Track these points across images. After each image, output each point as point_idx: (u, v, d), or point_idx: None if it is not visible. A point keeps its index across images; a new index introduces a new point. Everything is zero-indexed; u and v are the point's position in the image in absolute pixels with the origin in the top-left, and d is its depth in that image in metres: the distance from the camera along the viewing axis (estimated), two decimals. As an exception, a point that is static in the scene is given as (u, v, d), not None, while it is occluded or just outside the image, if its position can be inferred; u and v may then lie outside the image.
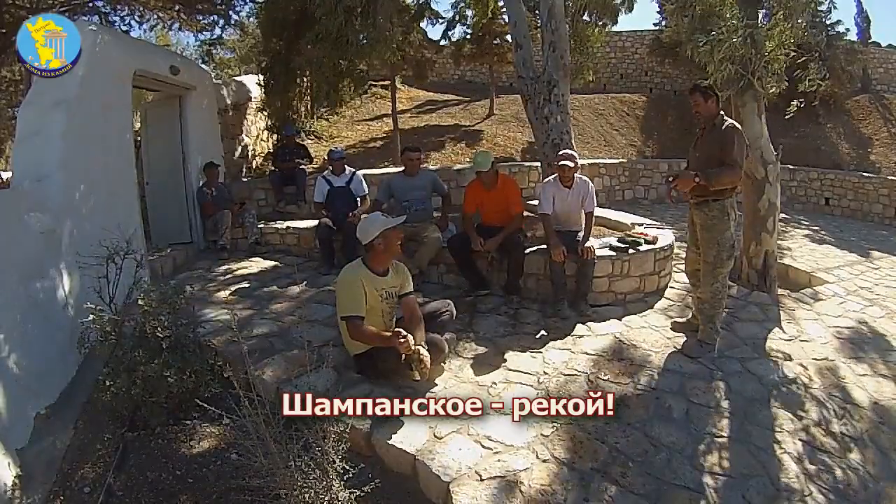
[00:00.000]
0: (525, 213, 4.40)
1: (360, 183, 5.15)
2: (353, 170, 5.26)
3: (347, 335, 2.87)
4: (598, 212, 5.71)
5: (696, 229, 3.39)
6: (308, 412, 2.23)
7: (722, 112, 3.29)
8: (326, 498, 1.92)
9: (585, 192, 4.09)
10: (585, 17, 9.11)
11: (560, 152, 4.23)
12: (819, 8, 4.06)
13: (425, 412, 2.42)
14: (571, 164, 3.99)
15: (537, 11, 5.97)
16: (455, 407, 2.43)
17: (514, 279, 4.07)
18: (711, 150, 3.19)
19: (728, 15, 4.38)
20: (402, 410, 2.41)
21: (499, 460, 2.31)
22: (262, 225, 5.68)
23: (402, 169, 4.79)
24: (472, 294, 4.14)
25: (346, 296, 2.81)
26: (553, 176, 4.18)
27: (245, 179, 7.72)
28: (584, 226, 4.09)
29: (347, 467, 1.99)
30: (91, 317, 2.77)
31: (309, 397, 2.27)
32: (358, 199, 5.08)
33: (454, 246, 4.14)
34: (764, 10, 4.53)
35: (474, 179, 4.26)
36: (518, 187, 4.42)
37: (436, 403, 2.46)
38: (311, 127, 9.64)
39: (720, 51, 4.01)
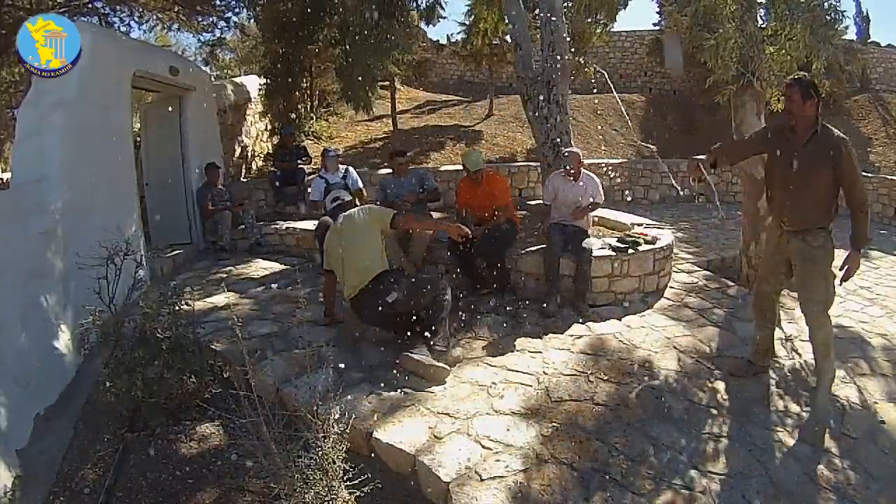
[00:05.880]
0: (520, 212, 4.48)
1: (354, 179, 5.24)
2: (347, 166, 5.36)
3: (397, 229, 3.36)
4: (598, 211, 5.71)
5: (787, 260, 2.86)
6: (308, 412, 2.23)
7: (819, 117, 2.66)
8: (327, 498, 1.92)
9: (592, 187, 4.24)
10: (588, 20, 9.10)
11: (565, 150, 4.35)
12: (830, 20, 4.02)
13: (425, 412, 2.42)
14: (570, 167, 4.17)
15: (537, 11, 5.97)
16: (455, 407, 2.42)
17: (501, 271, 4.08)
18: (819, 167, 2.62)
19: (728, 13, 4.38)
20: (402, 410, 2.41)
21: (498, 460, 2.31)
22: (261, 224, 5.69)
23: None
24: (472, 293, 4.15)
25: (378, 208, 3.46)
26: (559, 170, 4.33)
27: (244, 180, 7.72)
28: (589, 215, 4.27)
29: (347, 467, 1.99)
30: (91, 317, 2.77)
31: (309, 398, 2.27)
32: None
33: (452, 244, 4.17)
34: (763, 10, 4.54)
35: (464, 177, 4.36)
36: (504, 181, 4.52)
37: (436, 403, 2.46)
38: (310, 128, 9.64)
39: (725, 49, 4.02)
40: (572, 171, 4.19)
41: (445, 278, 4.47)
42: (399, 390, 2.82)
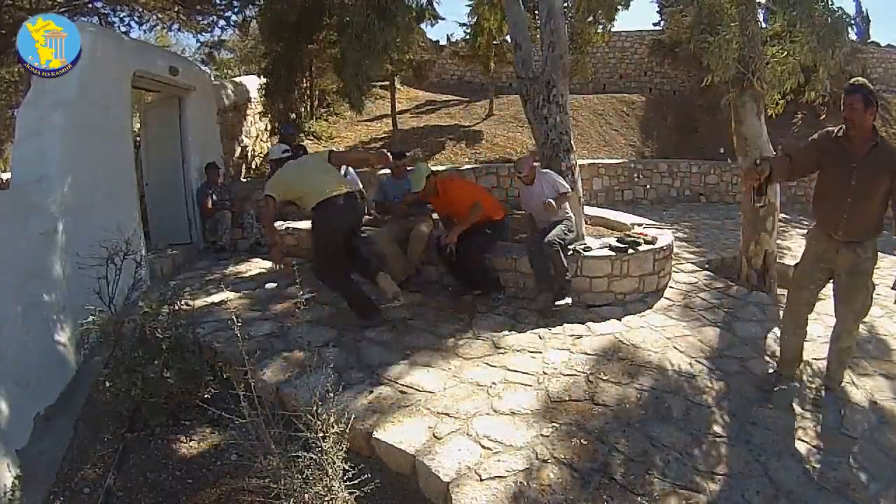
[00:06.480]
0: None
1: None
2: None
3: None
4: (598, 212, 5.73)
5: (830, 269, 2.83)
6: (308, 412, 2.23)
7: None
8: (327, 498, 1.92)
9: (548, 184, 4.16)
10: (589, 18, 9.10)
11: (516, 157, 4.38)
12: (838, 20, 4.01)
13: (425, 412, 2.42)
14: (523, 173, 4.19)
15: (537, 11, 5.97)
16: (455, 407, 2.42)
17: (484, 273, 4.07)
18: (879, 179, 2.54)
19: (730, 14, 4.39)
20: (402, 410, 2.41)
21: (498, 460, 2.31)
22: (261, 224, 5.69)
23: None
24: (469, 294, 4.16)
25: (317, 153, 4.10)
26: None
27: (245, 180, 7.73)
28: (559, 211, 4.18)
29: (347, 467, 1.99)
30: (91, 317, 2.77)
31: (309, 398, 2.27)
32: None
33: (438, 247, 4.19)
34: (763, 11, 4.54)
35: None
36: (456, 184, 4.43)
37: (436, 403, 2.45)
38: (310, 127, 9.64)
39: (728, 50, 4.02)
40: (524, 176, 4.19)
41: (446, 278, 4.54)
42: (400, 391, 2.82)
